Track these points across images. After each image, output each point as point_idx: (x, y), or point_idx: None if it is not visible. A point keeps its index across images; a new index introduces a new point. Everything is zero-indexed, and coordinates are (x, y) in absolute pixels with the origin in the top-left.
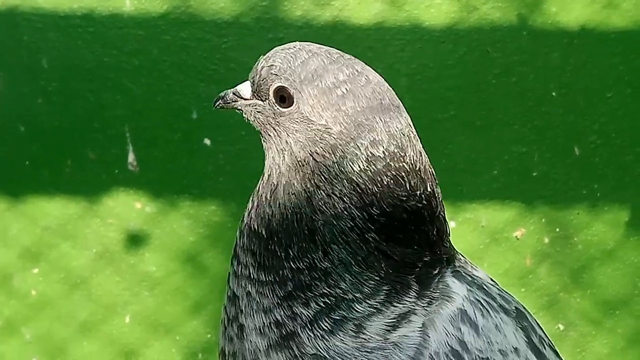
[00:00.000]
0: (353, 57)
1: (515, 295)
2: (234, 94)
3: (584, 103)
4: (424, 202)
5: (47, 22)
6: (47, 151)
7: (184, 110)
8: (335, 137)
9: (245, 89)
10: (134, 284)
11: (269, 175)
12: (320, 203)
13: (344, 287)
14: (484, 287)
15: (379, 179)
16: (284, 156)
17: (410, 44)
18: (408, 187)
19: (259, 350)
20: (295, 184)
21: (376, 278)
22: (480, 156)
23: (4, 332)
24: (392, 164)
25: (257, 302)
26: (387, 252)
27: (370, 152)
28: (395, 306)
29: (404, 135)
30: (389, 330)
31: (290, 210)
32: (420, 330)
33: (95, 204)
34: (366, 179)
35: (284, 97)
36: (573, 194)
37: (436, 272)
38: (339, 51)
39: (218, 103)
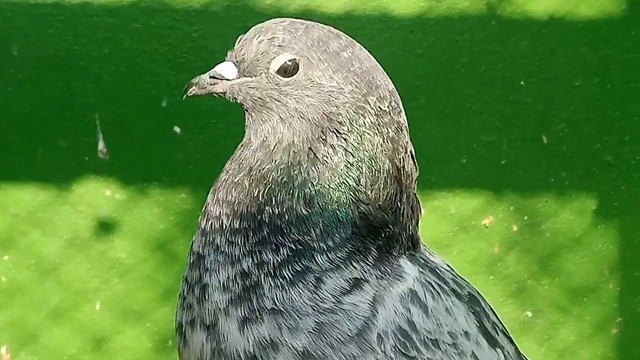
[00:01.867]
0: None
1: (483, 282)
2: (212, 77)
3: (552, 92)
4: (408, 161)
5: (17, 11)
6: (18, 139)
7: (154, 99)
8: (348, 95)
9: (227, 69)
10: (104, 270)
11: (262, 141)
12: (324, 155)
13: (313, 235)
14: (437, 270)
15: (385, 130)
16: (290, 123)
17: (379, 33)
18: (403, 141)
19: (219, 309)
20: (298, 143)
21: (343, 235)
22: (449, 145)
23: None
24: (394, 117)
25: (225, 253)
26: (365, 209)
27: (379, 107)
28: (354, 267)
29: (396, 93)
30: (343, 293)
31: (285, 165)
32: (370, 304)
33: (65, 191)
34: (375, 131)
35: (287, 68)
36: (541, 182)
37: (396, 249)
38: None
39: (192, 90)
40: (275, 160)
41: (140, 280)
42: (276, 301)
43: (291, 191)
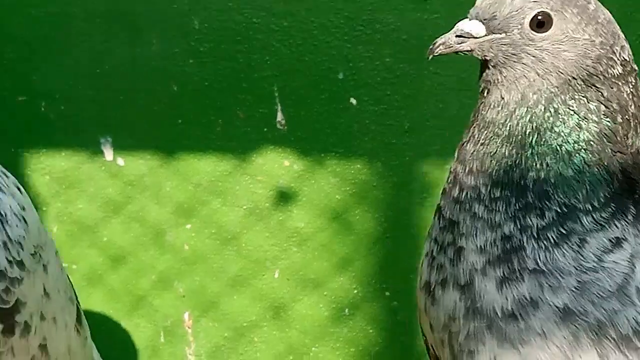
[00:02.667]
0: None
1: None
2: (459, 35)
3: None
4: None
5: None
6: (199, 110)
7: (330, 71)
8: (598, 47)
9: (475, 27)
10: (283, 239)
11: (520, 98)
12: (584, 110)
13: (580, 197)
14: None
15: (630, 79)
16: (548, 78)
17: None
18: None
19: (475, 269)
20: (558, 99)
21: (606, 194)
22: None
23: (158, 286)
24: (633, 66)
25: (484, 220)
26: (622, 160)
27: (623, 57)
28: (615, 226)
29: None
30: (605, 252)
31: (548, 124)
32: (628, 260)
33: (244, 161)
34: (623, 80)
35: (542, 23)
36: None
37: None
38: None
39: (438, 49)
40: (537, 120)
41: (317, 249)
42: (539, 262)
43: (556, 152)
